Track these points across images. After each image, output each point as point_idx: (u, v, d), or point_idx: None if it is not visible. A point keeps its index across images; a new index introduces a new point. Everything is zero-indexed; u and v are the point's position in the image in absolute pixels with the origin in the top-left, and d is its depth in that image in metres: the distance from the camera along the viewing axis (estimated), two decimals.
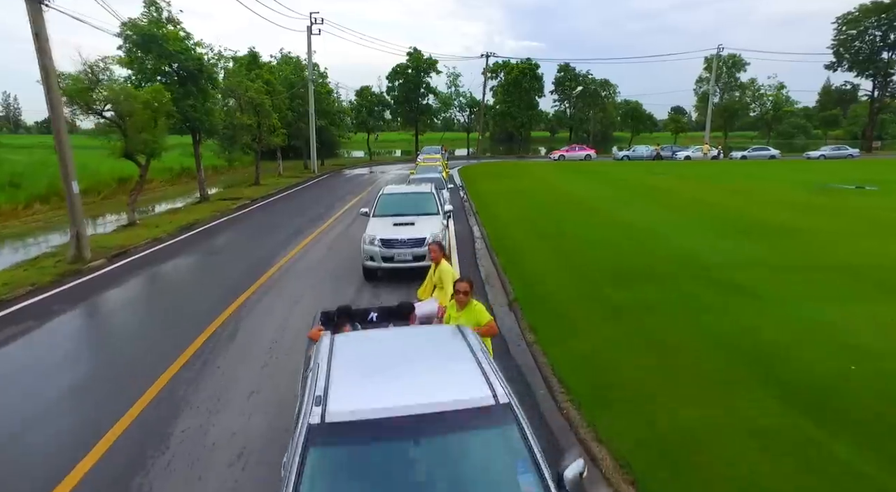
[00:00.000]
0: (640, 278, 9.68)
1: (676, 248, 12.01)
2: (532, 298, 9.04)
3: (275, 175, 34.91)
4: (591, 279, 9.83)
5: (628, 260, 11.02)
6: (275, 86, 33.00)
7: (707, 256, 11.21)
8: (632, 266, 10.54)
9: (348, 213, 19.52)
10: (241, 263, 12.34)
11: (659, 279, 9.63)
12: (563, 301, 8.76)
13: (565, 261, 11.21)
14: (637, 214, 16.66)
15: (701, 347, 6.59)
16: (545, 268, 10.82)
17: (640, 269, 10.33)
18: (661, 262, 10.83)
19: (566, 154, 46.39)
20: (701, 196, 20.37)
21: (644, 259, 11.13)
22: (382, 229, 10.32)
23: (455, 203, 21.74)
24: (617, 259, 11.08)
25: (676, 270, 10.22)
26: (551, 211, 17.57)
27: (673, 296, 8.63)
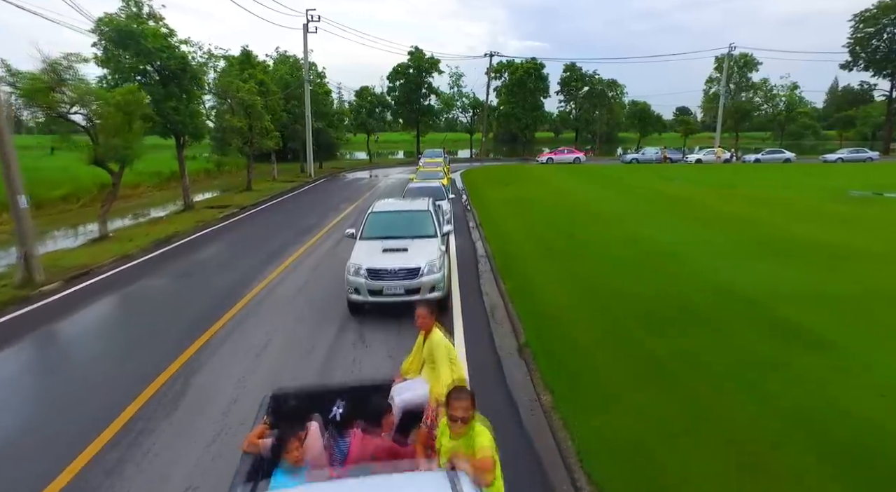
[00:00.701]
0: (677, 317, 8.12)
1: (710, 272, 10.44)
2: (547, 344, 7.49)
3: (269, 179, 33.45)
4: (616, 317, 8.27)
5: (658, 290, 9.45)
6: (269, 86, 31.54)
7: (748, 284, 9.64)
8: (663, 299, 8.97)
9: (340, 225, 17.99)
10: (212, 290, 10.83)
11: (699, 319, 8.07)
12: (586, 350, 7.20)
13: (584, 290, 9.64)
14: (658, 228, 15.07)
15: (781, 439, 4.98)
16: (561, 299, 9.25)
17: (673, 303, 8.77)
18: (697, 292, 9.26)
19: (554, 157, 44.63)
20: (723, 207, 18.76)
21: (675, 287, 9.57)
22: (369, 256, 8.78)
23: (457, 211, 20.27)
24: (644, 289, 9.51)
25: (717, 304, 8.65)
26: (563, 224, 15.99)
27: (721, 345, 7.06)
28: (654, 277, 10.18)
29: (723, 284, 9.67)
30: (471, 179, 31.99)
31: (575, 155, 45.09)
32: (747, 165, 41.59)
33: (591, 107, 54.62)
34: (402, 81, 50.40)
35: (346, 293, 8.80)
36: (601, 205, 19.69)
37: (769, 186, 25.54)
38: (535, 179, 30.29)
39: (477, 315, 9.13)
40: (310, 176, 36.08)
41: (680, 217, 16.89)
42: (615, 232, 14.62)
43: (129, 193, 26.58)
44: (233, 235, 17.04)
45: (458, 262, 12.79)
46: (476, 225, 17.27)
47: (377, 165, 47.93)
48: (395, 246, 9.03)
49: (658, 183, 27.76)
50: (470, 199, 22.97)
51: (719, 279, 9.98)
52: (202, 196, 27.01)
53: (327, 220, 19.07)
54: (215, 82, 26.47)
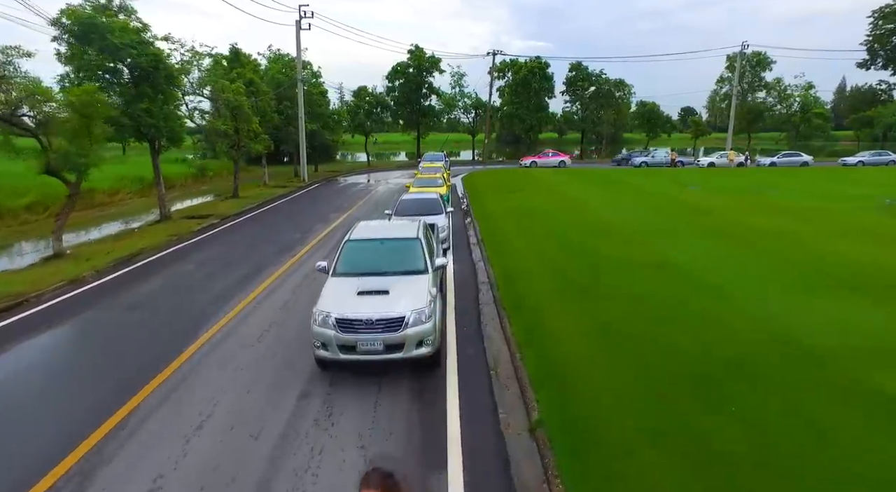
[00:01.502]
0: (735, 387, 6.29)
1: (759, 313, 8.59)
2: (569, 426, 5.69)
3: (259, 184, 31.70)
4: (656, 382, 6.45)
5: (702, 340, 7.62)
6: (259, 86, 29.80)
7: (810, 330, 7.80)
8: (712, 354, 7.14)
9: (327, 240, 16.20)
10: (160, 331, 9.04)
11: (765, 388, 6.23)
12: (622, 437, 5.39)
13: (610, 338, 7.81)
14: (686, 248, 13.22)
15: None
16: (582, 349, 7.44)
17: (726, 362, 6.93)
18: (753, 345, 7.42)
19: (538, 160, 42.54)
20: (752, 220, 16.88)
21: (724, 336, 7.73)
22: (341, 301, 6.97)
23: (456, 223, 18.46)
24: (686, 338, 7.67)
25: (783, 366, 6.81)
26: (577, 242, 14.15)
27: (808, 438, 5.23)
28: (698, 321, 8.32)
29: (779, 332, 7.83)
30: (472, 184, 30.16)
31: (560, 158, 43.01)
32: (763, 170, 39.62)
33: (598, 107, 52.61)
34: (401, 81, 48.57)
35: (311, 347, 7.01)
36: (616, 217, 17.83)
37: (795, 194, 23.61)
38: (542, 185, 28.43)
39: (476, 371, 7.33)
40: (303, 180, 34.32)
41: (707, 233, 15.02)
42: (637, 253, 12.76)
43: (106, 201, 24.88)
44: (205, 252, 15.26)
45: (454, 290, 11.00)
46: (478, 241, 15.45)
47: (375, 168, 46.14)
48: (375, 287, 7.21)
49: (674, 190, 25.87)
50: (471, 208, 21.14)
51: (773, 324, 8.14)
52: (185, 204, 25.28)
53: (313, 234, 17.27)
54: (199, 82, 24.78)
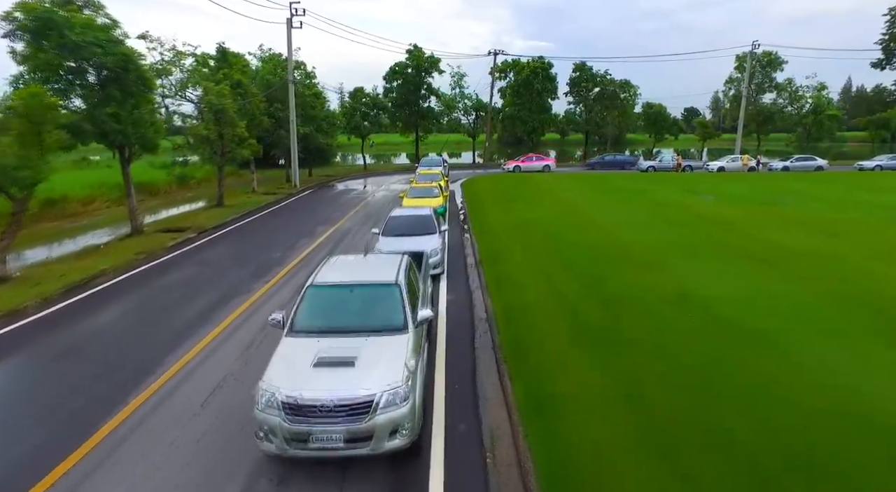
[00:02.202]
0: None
1: (824, 376, 6.96)
2: None
3: (248, 191, 30.09)
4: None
5: (762, 422, 5.98)
6: (247, 88, 28.20)
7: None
8: (773, 443, 5.51)
9: (309, 260, 14.59)
10: (88, 388, 7.43)
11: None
12: None
13: (643, 420, 6.16)
14: (711, 274, 11.57)
15: None
16: (607, 437, 5.81)
17: (793, 454, 5.31)
18: (821, 427, 5.79)
19: (522, 165, 40.54)
20: (780, 237, 15.22)
21: (782, 414, 6.10)
22: (292, 375, 5.35)
23: (453, 241, 16.85)
24: (738, 418, 6.03)
25: (865, 457, 5.18)
26: (586, 266, 12.51)
27: None
28: (743, 389, 6.69)
29: (854, 404, 6.20)
30: (472, 191, 28.51)
31: (545, 162, 41.11)
32: (776, 175, 37.89)
33: (603, 109, 50.88)
34: (400, 82, 46.92)
35: (254, 436, 5.39)
36: (629, 234, 16.19)
37: (817, 204, 21.96)
38: (545, 193, 26.78)
39: (467, 464, 5.69)
40: (294, 186, 32.70)
41: (732, 254, 13.37)
42: (658, 282, 11.12)
43: (79, 211, 23.32)
44: (171, 275, 13.64)
45: (446, 329, 9.39)
46: (476, 262, 13.81)
47: (373, 171, 44.51)
48: (338, 354, 5.58)
49: (686, 199, 24.22)
50: (470, 221, 19.51)
51: (843, 392, 6.51)
52: (165, 213, 23.68)
53: (295, 252, 15.66)
54: (181, 84, 23.22)
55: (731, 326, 8.67)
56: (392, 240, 12.63)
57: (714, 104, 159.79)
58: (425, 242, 12.39)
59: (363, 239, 16.99)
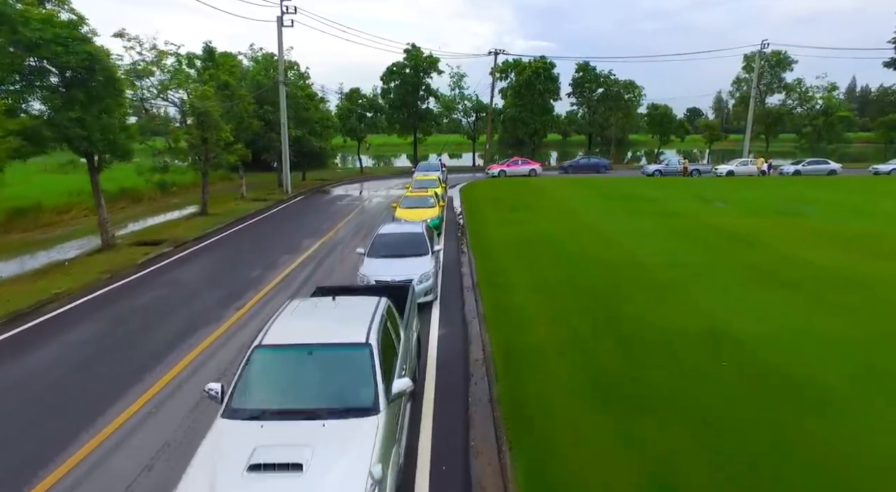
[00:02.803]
0: None
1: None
2: None
3: (237, 197, 28.67)
4: None
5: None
6: (234, 89, 26.78)
7: None
8: None
9: (290, 281, 13.17)
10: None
11: None
12: None
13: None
14: (741, 305, 10.13)
15: None
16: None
17: None
18: None
19: (507, 169, 38.92)
20: (810, 254, 13.76)
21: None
22: (216, 487, 3.92)
23: (449, 255, 15.44)
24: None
25: None
26: (597, 290, 11.08)
27: None
28: (808, 477, 5.26)
29: None
30: (471, 198, 27.05)
31: (530, 167, 39.56)
32: (787, 179, 36.40)
33: (607, 110, 49.36)
34: (397, 82, 45.47)
35: None
36: (641, 250, 14.76)
37: (843, 214, 20.49)
38: (547, 200, 25.34)
39: None
40: (286, 192, 31.29)
41: (760, 277, 11.92)
42: (680, 313, 9.69)
43: (54, 221, 21.92)
44: (133, 299, 12.23)
45: (436, 375, 7.99)
46: (473, 285, 12.39)
47: (369, 175, 43.11)
48: (281, 454, 4.14)
49: (698, 208, 22.77)
50: (467, 234, 18.07)
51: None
52: (144, 223, 22.25)
53: (276, 271, 14.24)
54: (161, 85, 21.83)
55: (778, 378, 7.23)
56: (378, 263, 11.24)
57: (717, 104, 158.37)
58: (415, 266, 11.02)
59: (350, 256, 15.59)
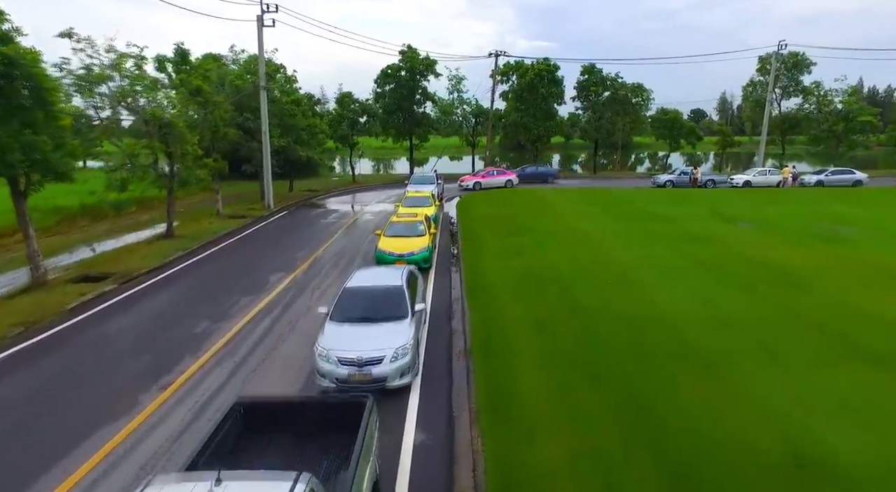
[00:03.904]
0: None
1: None
2: None
3: (212, 214, 26.14)
4: None
5: None
6: (208, 96, 24.28)
7: None
8: None
9: (244, 336, 10.62)
10: None
11: None
12: None
13: None
14: (847, 415, 7.52)
15: None
16: None
17: None
18: None
19: (482, 180, 35.90)
20: (888, 309, 11.19)
21: None
22: None
23: (441, 291, 12.93)
24: None
25: None
26: (629, 375, 8.52)
27: None
28: None
29: None
30: (467, 217, 24.42)
31: (506, 177, 36.62)
32: (811, 191, 33.73)
33: (614, 115, 46.71)
34: (392, 85, 42.91)
35: None
36: (667, 294, 12.23)
37: (891, 239, 17.93)
38: (554, 220, 22.76)
39: None
40: (267, 207, 28.74)
41: (831, 345, 9.35)
42: (743, 415, 7.13)
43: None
44: (39, 368, 9.70)
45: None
46: (466, 349, 9.84)
47: (361, 185, 40.50)
48: None
49: (723, 231, 20.20)
50: (462, 265, 15.52)
51: None
52: (98, 248, 19.68)
53: (227, 323, 11.71)
54: (119, 92, 19.33)
55: None
56: (342, 332, 8.73)
57: (721, 105, 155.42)
58: (390, 336, 8.53)
59: (324, 297, 13.08)
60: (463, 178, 37.01)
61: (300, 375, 9.14)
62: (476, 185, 35.55)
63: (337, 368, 8.14)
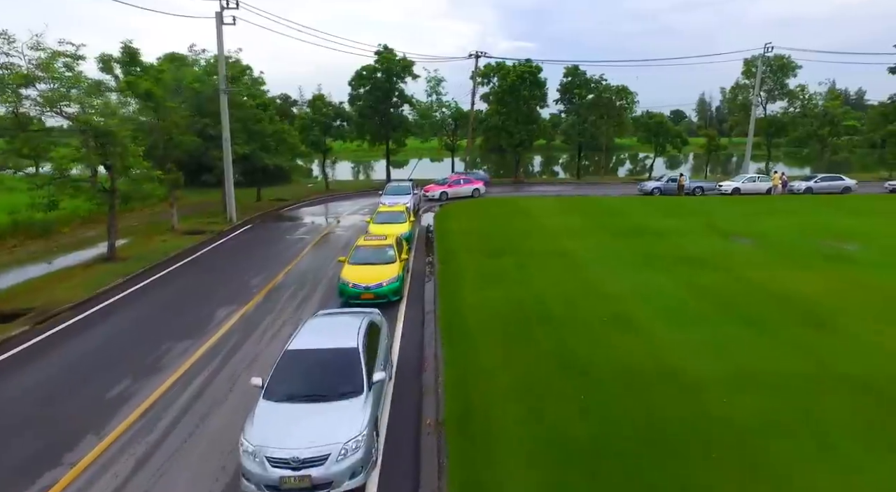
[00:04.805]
0: None
1: None
2: None
3: (167, 229, 23.84)
4: None
5: None
6: (160, 101, 22.01)
7: None
8: None
9: (164, 406, 8.59)
10: None
11: None
12: None
13: None
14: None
15: None
16: None
17: None
18: None
19: (449, 190, 33.61)
20: None
21: None
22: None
23: (412, 335, 11.08)
24: None
25: None
26: (645, 470, 6.78)
27: None
28: None
29: None
30: (445, 233, 22.52)
31: (473, 186, 34.62)
32: (802, 200, 32.58)
33: (598, 119, 45.33)
34: (367, 88, 40.81)
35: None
36: (675, 338, 10.57)
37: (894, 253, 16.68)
38: (537, 237, 21.04)
39: None
40: (230, 221, 26.48)
41: (884, 420, 7.76)
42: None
43: None
44: None
45: None
46: (437, 422, 7.99)
47: (335, 193, 38.34)
48: None
49: (719, 247, 18.78)
50: (438, 304, 13.65)
51: None
52: (23, 273, 17.27)
53: (159, 376, 9.66)
54: (49, 97, 17.01)
55: None
56: (277, 420, 6.80)
57: (700, 106, 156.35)
58: (337, 426, 6.62)
59: (275, 340, 11.12)
60: (427, 187, 34.06)
61: (226, 470, 7.17)
62: (443, 194, 33.23)
63: (267, 471, 6.23)
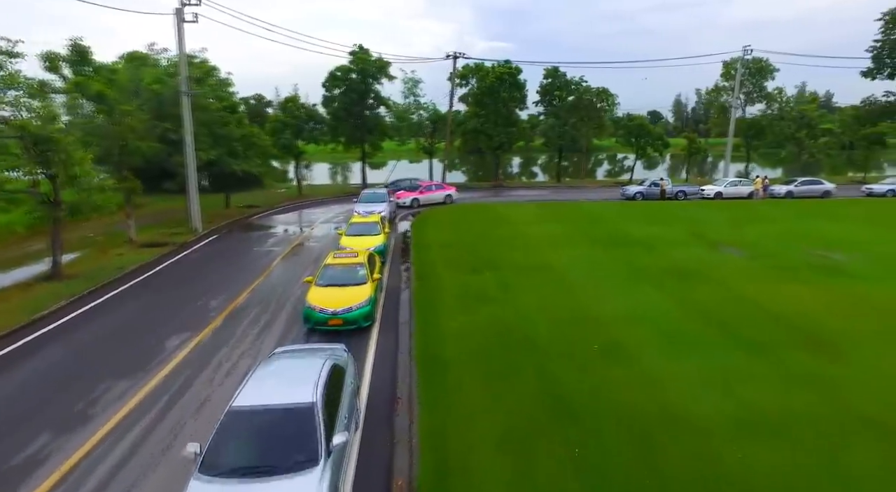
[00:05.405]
0: None
1: None
2: None
3: (124, 241, 22.16)
4: None
5: None
6: (113, 104, 20.38)
7: None
8: None
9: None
10: None
11: None
12: None
13: None
14: None
15: None
16: None
17: None
18: None
19: (421, 197, 32.32)
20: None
21: None
22: None
23: (384, 366, 9.91)
24: None
25: None
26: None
27: None
28: None
29: None
30: (422, 244, 21.32)
31: (445, 192, 33.51)
32: (784, 205, 32.23)
33: (578, 121, 44.69)
34: (342, 89, 39.39)
35: None
36: (671, 371, 9.63)
37: (891, 266, 16.14)
38: (519, 248, 20.04)
39: None
40: (194, 231, 24.87)
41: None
42: None
43: None
44: None
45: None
46: (408, 478, 6.85)
47: (309, 199, 36.79)
48: None
49: (707, 257, 18.06)
50: (415, 326, 12.48)
51: None
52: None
53: (86, 430, 8.29)
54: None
55: None
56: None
57: (676, 108, 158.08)
58: None
59: (230, 377, 9.85)
60: (398, 194, 32.32)
61: None
62: (414, 201, 31.81)
63: None
